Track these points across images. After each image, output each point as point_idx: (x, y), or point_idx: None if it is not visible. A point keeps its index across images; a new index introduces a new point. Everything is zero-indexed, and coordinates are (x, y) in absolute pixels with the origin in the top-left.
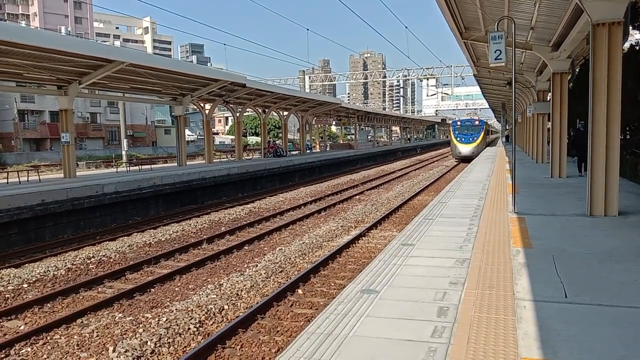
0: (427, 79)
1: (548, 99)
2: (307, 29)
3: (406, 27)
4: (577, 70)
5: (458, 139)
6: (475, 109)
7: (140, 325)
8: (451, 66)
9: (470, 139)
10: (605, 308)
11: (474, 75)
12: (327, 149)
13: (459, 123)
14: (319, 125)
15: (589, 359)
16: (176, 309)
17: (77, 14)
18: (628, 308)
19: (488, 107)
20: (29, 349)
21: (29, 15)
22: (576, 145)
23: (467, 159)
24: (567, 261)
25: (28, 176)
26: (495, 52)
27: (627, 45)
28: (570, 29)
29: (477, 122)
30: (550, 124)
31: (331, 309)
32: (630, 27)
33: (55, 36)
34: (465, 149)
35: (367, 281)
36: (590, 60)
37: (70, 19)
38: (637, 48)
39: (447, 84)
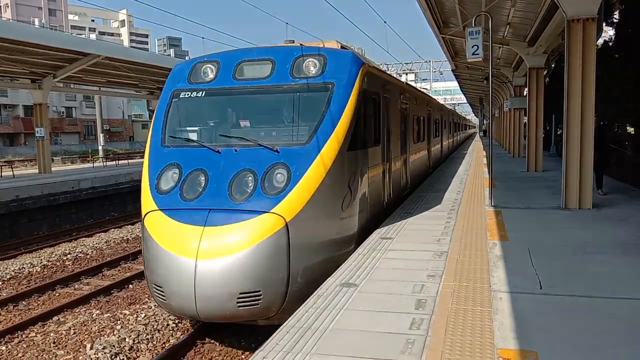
0: (406, 73)
1: (524, 94)
2: (287, 23)
3: (385, 22)
4: (553, 65)
5: (154, 183)
6: (454, 103)
7: (118, 322)
8: (430, 61)
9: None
10: (579, 299)
11: (452, 70)
12: None
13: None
14: None
15: (563, 349)
16: (155, 305)
17: (51, 6)
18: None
19: (466, 102)
20: (4, 348)
21: (0, 6)
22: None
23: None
24: (543, 253)
25: (1, 172)
26: (472, 47)
27: (600, 41)
28: (545, 24)
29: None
30: (526, 118)
31: (310, 302)
32: (604, 24)
33: (28, 28)
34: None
35: (347, 275)
36: (565, 56)
37: (44, 11)
38: (611, 44)
39: (426, 79)
